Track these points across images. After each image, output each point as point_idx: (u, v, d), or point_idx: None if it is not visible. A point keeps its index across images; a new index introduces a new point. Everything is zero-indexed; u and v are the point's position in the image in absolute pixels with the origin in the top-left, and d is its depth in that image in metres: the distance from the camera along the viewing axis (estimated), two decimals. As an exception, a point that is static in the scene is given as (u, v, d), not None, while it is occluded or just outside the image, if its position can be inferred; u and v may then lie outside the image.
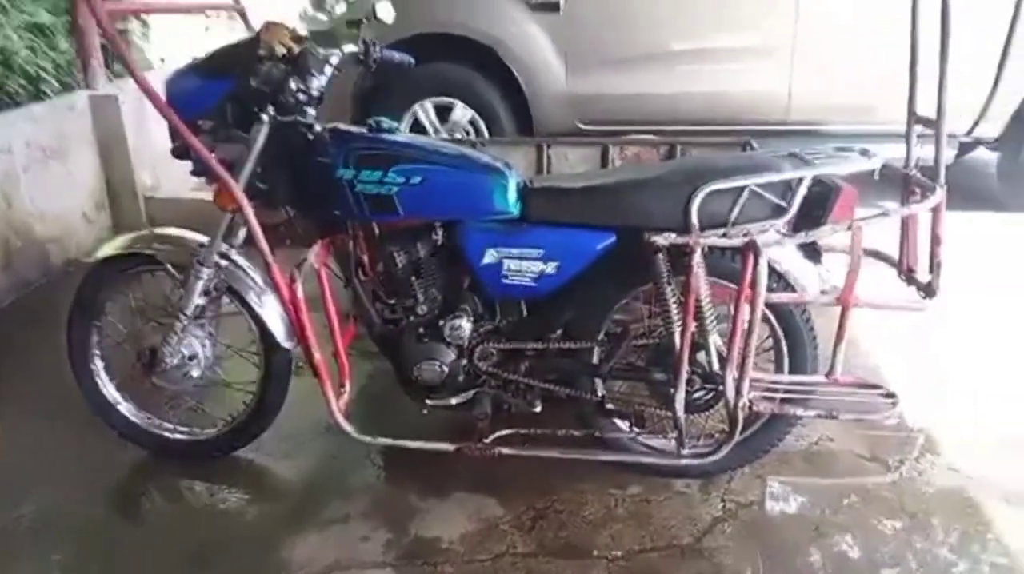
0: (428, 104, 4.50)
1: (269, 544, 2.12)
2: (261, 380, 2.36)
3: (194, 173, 2.12)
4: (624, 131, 4.40)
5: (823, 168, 1.97)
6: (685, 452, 2.06)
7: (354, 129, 2.11)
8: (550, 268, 2.09)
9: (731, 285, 2.12)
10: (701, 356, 2.17)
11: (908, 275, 2.22)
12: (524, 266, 2.09)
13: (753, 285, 1.84)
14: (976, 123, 4.51)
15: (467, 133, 4.55)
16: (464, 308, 2.17)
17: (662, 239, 1.95)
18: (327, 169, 2.04)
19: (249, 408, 2.40)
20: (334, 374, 2.20)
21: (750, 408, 1.92)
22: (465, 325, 2.15)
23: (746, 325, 1.92)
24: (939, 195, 1.99)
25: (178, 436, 2.47)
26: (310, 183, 2.09)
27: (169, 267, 2.26)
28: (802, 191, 1.97)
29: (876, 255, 2.25)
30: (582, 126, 4.61)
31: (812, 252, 2.15)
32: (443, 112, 4.54)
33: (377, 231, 2.15)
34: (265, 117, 2.03)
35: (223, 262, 2.22)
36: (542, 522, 2.20)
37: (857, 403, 2.06)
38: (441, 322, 2.15)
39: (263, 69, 2.00)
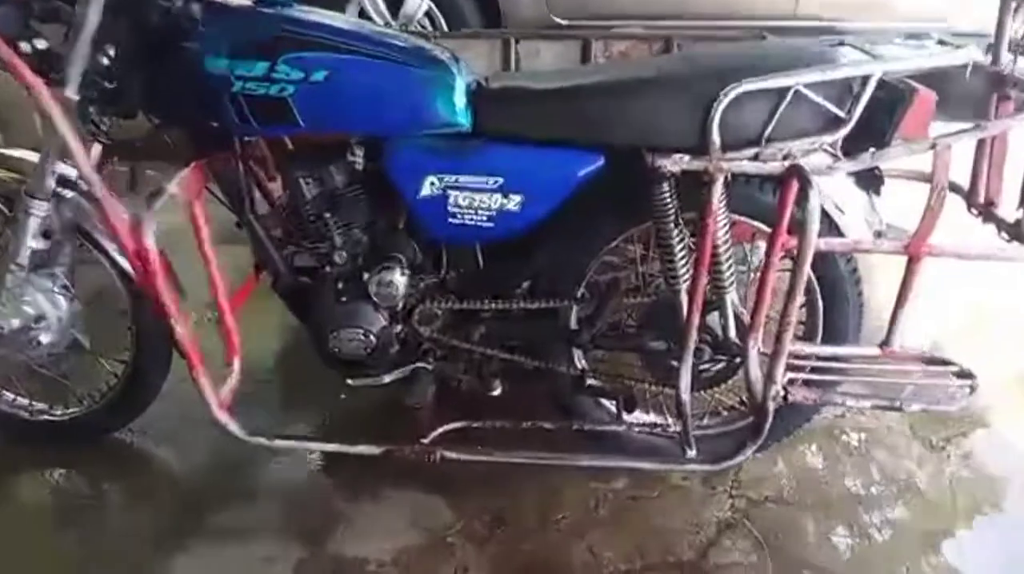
0: (376, -8, 3.79)
1: (141, 566, 1.60)
2: (135, 346, 1.79)
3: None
4: (609, 25, 3.76)
5: (898, 63, 1.40)
6: (692, 454, 1.53)
7: (227, 1, 1.48)
8: (512, 203, 1.51)
9: (760, 225, 1.58)
10: (713, 318, 1.64)
11: (985, 209, 1.67)
12: (477, 200, 1.51)
13: (800, 229, 1.29)
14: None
15: (423, 28, 3.86)
16: (396, 257, 1.59)
17: (671, 163, 1.37)
18: (193, 59, 1.42)
19: (121, 381, 1.85)
20: (216, 351, 1.63)
21: (785, 397, 1.40)
22: (398, 279, 1.58)
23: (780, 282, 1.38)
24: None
25: (38, 418, 1.91)
26: (171, 79, 1.47)
27: (-12, 199, 1.66)
28: (867, 94, 1.40)
29: (924, 178, 1.69)
30: (559, 21, 3.93)
31: (869, 180, 1.59)
32: (395, 4, 3.83)
33: (272, 150, 1.56)
34: None
35: (66, 192, 1.61)
36: (501, 531, 1.70)
37: (924, 387, 1.53)
38: (366, 275, 1.58)
39: None
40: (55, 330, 1.74)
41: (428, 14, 3.85)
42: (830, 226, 1.55)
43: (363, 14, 3.84)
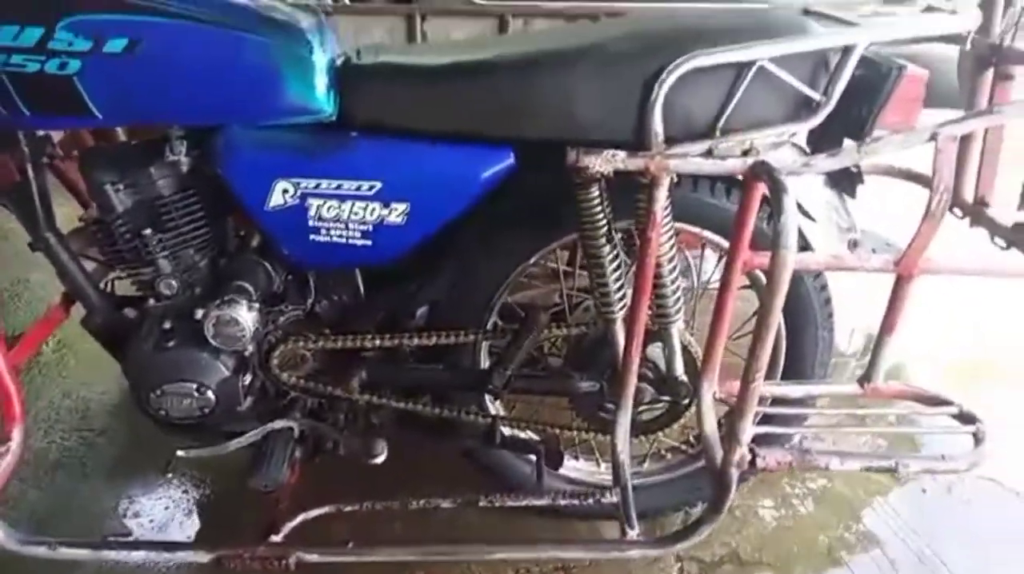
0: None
1: None
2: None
3: None
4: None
5: (885, 30, 1.09)
6: (634, 534, 1.19)
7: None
8: (395, 215, 1.14)
9: (709, 234, 1.26)
10: (655, 351, 1.31)
11: (973, 210, 1.39)
12: (347, 211, 1.14)
13: (774, 247, 0.96)
14: None
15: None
16: (241, 286, 1.20)
17: (601, 161, 1.03)
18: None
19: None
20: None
21: (752, 463, 1.08)
22: (244, 315, 1.18)
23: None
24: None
25: None
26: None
27: None
28: (848, 71, 1.09)
29: (908, 176, 1.40)
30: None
31: (842, 178, 1.29)
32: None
33: (66, 147, 1.15)
34: None
35: None
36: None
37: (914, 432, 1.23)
38: (200, 311, 1.18)
39: None
40: None
41: (321, -12, 3.41)
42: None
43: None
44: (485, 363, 1.40)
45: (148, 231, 1.19)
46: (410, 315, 1.32)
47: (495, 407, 1.42)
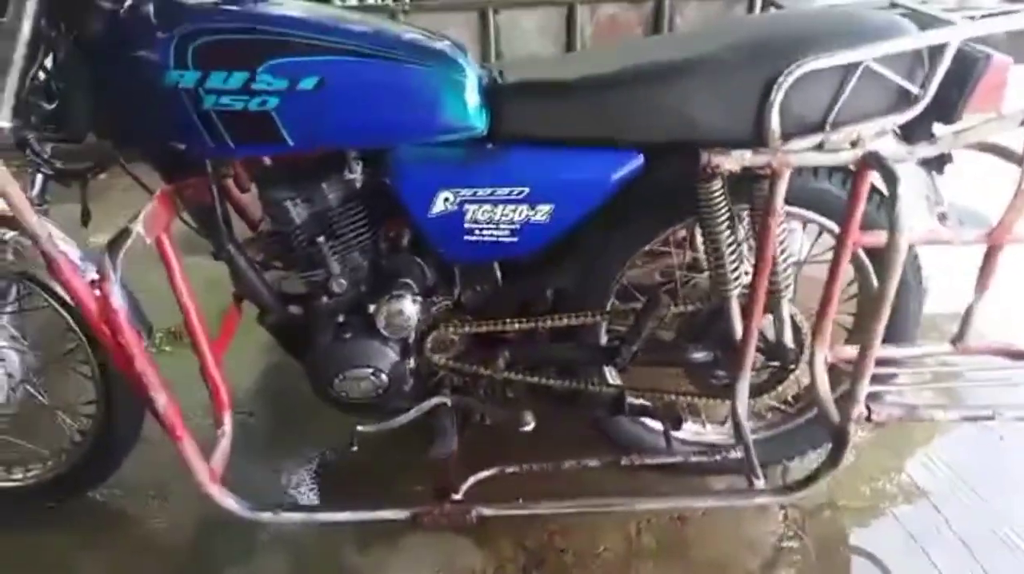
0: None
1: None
2: (102, 398, 1.55)
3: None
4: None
5: (977, 27, 1.21)
6: (760, 484, 1.36)
7: (188, -2, 1.23)
8: (540, 214, 1.31)
9: (812, 215, 1.40)
10: (765, 323, 1.46)
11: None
12: (499, 214, 1.30)
13: (890, 229, 1.11)
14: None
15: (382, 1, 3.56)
16: (405, 282, 1.38)
17: (731, 161, 1.18)
18: (151, 71, 1.17)
19: (89, 435, 1.61)
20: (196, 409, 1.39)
21: (868, 418, 1.23)
22: (409, 308, 1.36)
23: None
24: None
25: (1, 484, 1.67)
26: (126, 96, 1.22)
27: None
28: (944, 65, 1.22)
29: (997, 151, 1.52)
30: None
31: (933, 158, 1.42)
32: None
33: (249, 169, 1.32)
34: None
35: (5, 232, 1.36)
36: (537, 572, 1.53)
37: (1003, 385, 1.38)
38: (373, 306, 1.37)
39: None
40: (6, 387, 1.50)
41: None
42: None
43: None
44: (606, 341, 1.56)
45: (321, 239, 1.36)
46: (542, 299, 1.49)
47: (615, 379, 1.59)
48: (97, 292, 1.14)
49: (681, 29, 2.59)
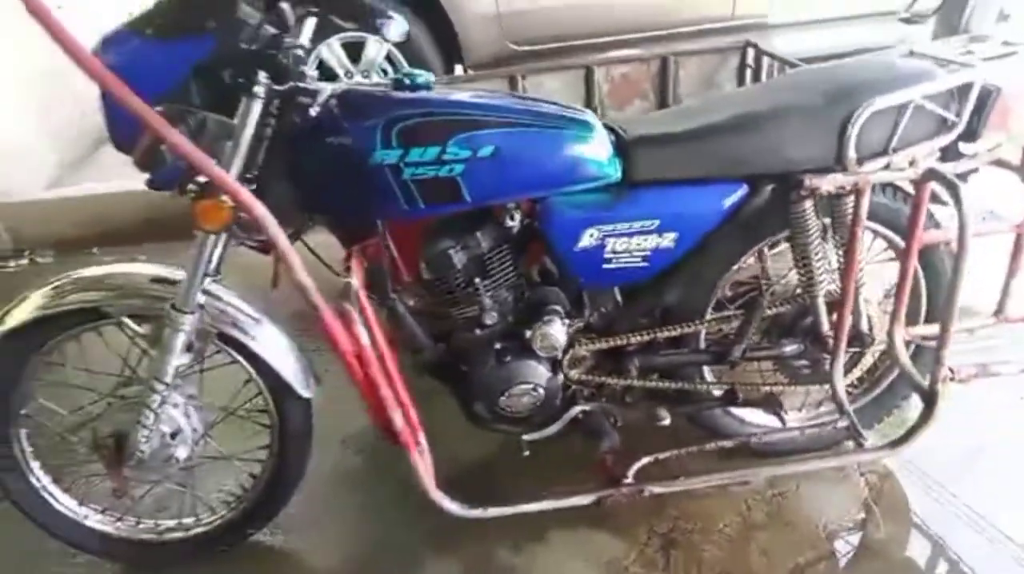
0: (334, 42, 3.74)
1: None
2: (277, 443, 1.74)
3: (155, 185, 1.42)
4: (560, 49, 3.95)
5: (997, 68, 1.57)
6: (869, 442, 1.65)
7: (375, 90, 1.49)
8: (667, 241, 1.59)
9: (873, 224, 1.71)
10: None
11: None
12: (634, 244, 1.58)
13: (960, 228, 1.43)
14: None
15: (384, 72, 3.85)
16: (554, 309, 1.63)
17: (827, 182, 1.49)
18: (356, 152, 1.42)
19: (261, 481, 1.79)
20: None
21: (952, 378, 1.54)
22: (558, 330, 1.62)
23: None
24: None
25: (168, 536, 1.82)
26: (329, 175, 1.46)
27: (127, 321, 1.58)
28: (974, 98, 1.56)
29: (1001, 163, 1.88)
30: (515, 47, 4.02)
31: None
32: (353, 50, 3.80)
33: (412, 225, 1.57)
34: (260, 89, 1.37)
35: (204, 299, 1.56)
36: (674, 551, 1.77)
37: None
38: (529, 331, 1.61)
39: (249, 17, 1.33)
40: (190, 442, 1.68)
41: (388, 57, 3.85)
42: (930, 217, 1.71)
43: (322, 65, 3.80)
44: (704, 344, 1.83)
45: (477, 279, 1.61)
46: (654, 314, 1.75)
47: (711, 376, 1.86)
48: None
49: (683, 82, 2.97)
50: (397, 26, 1.33)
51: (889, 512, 1.82)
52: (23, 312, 1.57)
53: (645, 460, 1.64)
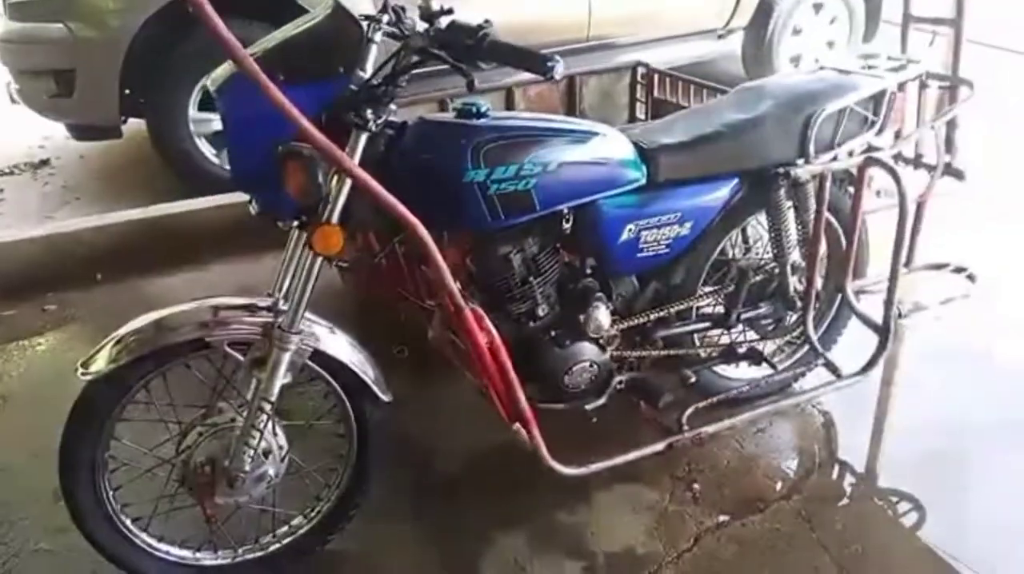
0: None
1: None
2: (356, 449, 1.87)
3: (276, 217, 1.54)
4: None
5: (899, 76, 2.07)
6: (845, 373, 2.11)
7: (445, 118, 1.71)
8: (685, 229, 1.94)
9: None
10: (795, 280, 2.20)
11: (915, 161, 2.45)
12: (661, 234, 1.91)
13: (900, 199, 1.90)
14: (732, 17, 5.03)
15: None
16: (599, 296, 1.92)
17: (804, 172, 1.91)
18: (447, 173, 1.63)
19: (338, 489, 1.91)
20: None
21: (900, 315, 2.02)
22: (604, 313, 1.91)
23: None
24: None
25: (247, 556, 1.89)
26: (417, 195, 1.65)
27: (228, 349, 1.66)
28: (888, 101, 2.05)
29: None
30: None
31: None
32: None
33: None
34: (371, 124, 1.54)
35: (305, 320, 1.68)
36: (697, 486, 2.12)
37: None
38: (581, 317, 1.89)
39: (371, 54, 1.50)
40: (278, 459, 1.78)
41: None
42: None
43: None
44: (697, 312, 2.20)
45: (531, 278, 1.86)
46: (663, 294, 2.09)
47: (727, 336, 2.24)
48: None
49: (587, 98, 3.38)
50: (561, 67, 1.52)
51: (841, 431, 2.30)
52: (112, 353, 1.61)
53: (690, 409, 1.99)
